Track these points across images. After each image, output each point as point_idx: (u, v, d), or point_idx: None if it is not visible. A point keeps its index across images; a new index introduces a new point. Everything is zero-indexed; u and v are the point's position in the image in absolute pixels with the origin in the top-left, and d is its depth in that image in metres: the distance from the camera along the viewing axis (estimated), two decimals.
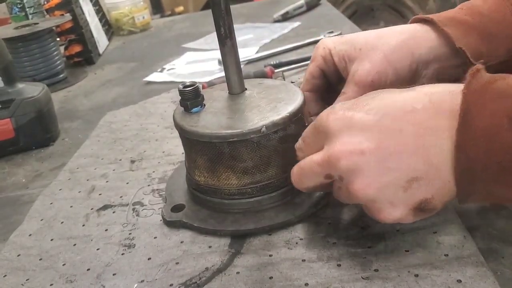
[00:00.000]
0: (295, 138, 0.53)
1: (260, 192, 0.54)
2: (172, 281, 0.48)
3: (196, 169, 0.56)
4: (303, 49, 1.18)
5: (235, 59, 0.56)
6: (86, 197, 0.67)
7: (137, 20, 1.72)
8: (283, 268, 0.47)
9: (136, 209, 0.61)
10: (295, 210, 0.54)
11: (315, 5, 1.59)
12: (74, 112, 1.04)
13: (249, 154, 0.52)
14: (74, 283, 0.50)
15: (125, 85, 1.18)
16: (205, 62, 1.24)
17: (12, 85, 0.87)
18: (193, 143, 0.54)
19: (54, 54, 1.23)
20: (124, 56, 1.46)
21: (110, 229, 0.58)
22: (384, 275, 0.44)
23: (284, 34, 1.36)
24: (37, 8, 1.46)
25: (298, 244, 0.50)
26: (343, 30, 1.25)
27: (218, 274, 0.48)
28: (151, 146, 0.79)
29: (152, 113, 0.93)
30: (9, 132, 0.85)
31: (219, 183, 0.55)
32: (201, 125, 0.53)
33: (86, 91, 1.18)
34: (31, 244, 0.58)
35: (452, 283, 0.41)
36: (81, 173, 0.74)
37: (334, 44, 0.61)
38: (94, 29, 1.47)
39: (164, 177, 0.68)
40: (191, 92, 0.56)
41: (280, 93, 0.57)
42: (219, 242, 0.52)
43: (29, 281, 0.52)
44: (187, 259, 0.51)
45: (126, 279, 0.49)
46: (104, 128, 0.90)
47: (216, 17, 0.54)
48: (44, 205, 0.66)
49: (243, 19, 1.62)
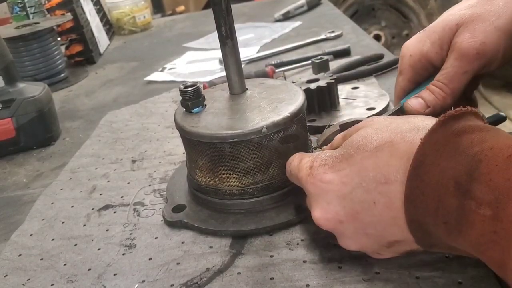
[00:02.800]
0: (296, 138, 0.53)
1: (261, 192, 0.54)
2: (173, 282, 0.48)
3: (197, 170, 0.56)
4: (304, 49, 1.18)
5: (236, 58, 0.56)
6: (87, 197, 0.67)
7: (138, 19, 1.72)
8: (284, 269, 0.47)
9: (137, 209, 0.61)
10: (296, 211, 0.54)
11: (316, 4, 1.59)
12: (75, 112, 1.04)
13: (250, 155, 0.52)
14: (75, 283, 0.50)
15: (126, 85, 1.17)
16: (206, 62, 1.23)
17: (13, 85, 0.87)
18: (194, 143, 0.54)
19: (55, 54, 1.23)
20: (125, 55, 1.46)
21: (111, 229, 0.58)
22: (385, 277, 0.43)
23: (285, 33, 1.36)
24: (38, 8, 1.47)
25: (299, 245, 0.50)
26: (344, 30, 1.25)
27: (219, 275, 0.48)
28: (152, 146, 0.79)
29: (153, 113, 0.93)
30: (10, 131, 0.85)
31: (220, 184, 0.55)
32: (202, 125, 0.53)
33: (87, 91, 1.18)
34: (32, 244, 0.58)
35: (453, 285, 0.41)
36: (82, 173, 0.74)
37: (419, 44, 0.55)
38: (95, 28, 1.47)
39: (165, 177, 0.68)
40: (192, 93, 0.56)
41: (281, 93, 0.57)
42: (220, 243, 0.52)
43: (30, 281, 0.52)
44: (188, 259, 0.51)
45: (127, 279, 0.49)
46: (105, 127, 0.90)
47: (217, 17, 0.54)
48: (45, 205, 0.66)
49: (244, 19, 1.62)
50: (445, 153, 0.35)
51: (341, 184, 0.42)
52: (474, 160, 0.34)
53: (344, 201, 0.42)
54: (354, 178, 0.41)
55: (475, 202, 0.33)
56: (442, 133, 0.36)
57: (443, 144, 0.36)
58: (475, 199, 0.33)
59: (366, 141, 0.41)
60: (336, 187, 0.42)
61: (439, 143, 0.36)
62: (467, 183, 0.33)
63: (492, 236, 0.32)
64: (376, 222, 0.40)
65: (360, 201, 0.40)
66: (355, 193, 0.41)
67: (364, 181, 0.40)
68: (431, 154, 0.36)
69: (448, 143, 0.36)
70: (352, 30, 1.27)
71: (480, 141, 0.35)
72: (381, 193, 0.39)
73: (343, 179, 0.42)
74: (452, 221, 0.34)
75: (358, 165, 0.41)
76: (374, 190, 0.39)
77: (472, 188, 0.33)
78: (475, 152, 0.34)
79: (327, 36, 1.21)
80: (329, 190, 0.43)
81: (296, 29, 1.38)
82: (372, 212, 0.40)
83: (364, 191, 0.40)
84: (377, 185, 0.39)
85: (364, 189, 0.40)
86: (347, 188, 0.41)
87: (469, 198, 0.33)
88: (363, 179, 0.40)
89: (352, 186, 0.41)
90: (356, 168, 0.41)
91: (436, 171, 0.35)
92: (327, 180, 0.43)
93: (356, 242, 0.43)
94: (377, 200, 0.39)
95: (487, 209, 0.32)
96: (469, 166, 0.34)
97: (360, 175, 0.40)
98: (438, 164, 0.35)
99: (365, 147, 0.41)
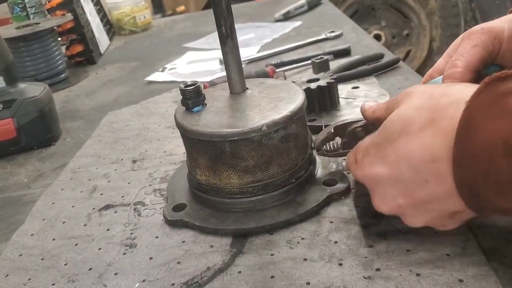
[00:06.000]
0: (296, 137, 0.54)
1: (261, 191, 0.54)
2: (174, 281, 0.48)
3: (197, 168, 0.56)
4: (304, 49, 1.18)
5: (236, 58, 0.56)
6: (87, 197, 0.67)
7: (138, 19, 1.72)
8: (285, 267, 0.47)
9: (138, 209, 0.61)
10: (296, 209, 0.54)
11: (316, 4, 1.59)
12: (75, 112, 1.04)
13: (250, 153, 0.52)
14: (76, 282, 0.50)
15: (127, 85, 1.18)
16: (206, 62, 1.23)
17: (13, 85, 0.87)
18: (194, 142, 0.54)
19: (56, 54, 1.23)
20: (126, 55, 1.46)
21: (111, 229, 0.58)
22: (386, 274, 0.43)
23: (285, 33, 1.36)
24: (39, 8, 1.47)
25: (299, 243, 0.50)
26: (345, 30, 1.25)
27: (220, 274, 0.48)
28: (152, 145, 0.79)
29: (153, 113, 0.94)
30: (11, 132, 0.85)
31: (221, 182, 0.55)
32: (202, 124, 0.53)
33: (87, 91, 1.18)
34: (33, 244, 0.58)
35: (454, 283, 0.41)
36: (83, 173, 0.74)
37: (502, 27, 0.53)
38: (95, 29, 1.47)
39: (165, 176, 0.68)
40: (192, 92, 0.56)
41: (281, 92, 0.57)
42: (221, 242, 0.52)
43: (31, 280, 0.52)
44: (188, 258, 0.51)
45: (127, 278, 0.49)
46: (106, 128, 0.90)
47: (217, 17, 0.54)
48: (46, 205, 0.66)
49: (244, 19, 1.62)
50: (492, 114, 0.36)
51: (391, 170, 0.43)
52: None
53: (397, 185, 0.43)
54: (402, 162, 0.42)
55: None
56: (488, 95, 0.37)
57: (490, 105, 0.36)
58: None
59: (408, 123, 0.42)
60: (387, 174, 0.44)
61: (485, 105, 0.37)
62: None
63: None
64: (432, 198, 0.42)
65: (412, 181, 0.42)
66: (406, 175, 0.42)
67: (412, 163, 0.41)
68: (478, 117, 0.36)
69: (495, 104, 0.36)
70: (353, 29, 1.27)
71: None
72: (431, 172, 0.40)
73: (391, 165, 0.43)
74: (505, 179, 0.35)
75: (403, 148, 0.42)
76: (423, 170, 0.41)
77: None
78: None
79: (327, 36, 1.21)
80: (381, 179, 0.45)
81: (297, 29, 1.38)
82: (426, 190, 0.41)
83: (414, 172, 0.42)
84: (426, 164, 0.40)
85: (413, 170, 0.42)
86: (397, 172, 0.43)
87: None
88: (411, 161, 0.41)
89: (401, 169, 0.42)
90: (402, 152, 0.42)
91: (484, 133, 0.36)
92: (375, 172, 0.45)
93: (419, 219, 0.44)
94: (429, 179, 0.41)
95: None
96: None
97: (407, 158, 0.42)
98: (485, 126, 0.36)
99: (408, 130, 0.42)
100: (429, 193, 0.41)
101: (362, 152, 0.47)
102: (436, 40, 2.54)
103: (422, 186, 0.41)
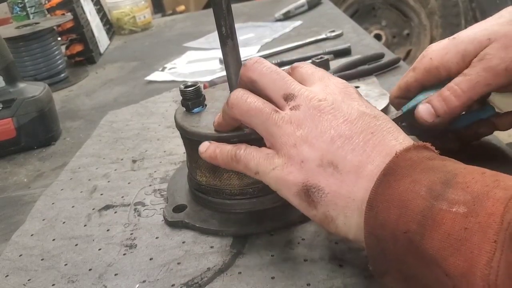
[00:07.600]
0: None
1: (261, 192, 0.54)
2: (174, 281, 0.48)
3: (197, 169, 0.56)
4: (304, 48, 1.18)
5: (236, 58, 0.56)
6: (87, 197, 0.67)
7: (138, 19, 1.72)
8: (285, 268, 0.47)
9: (138, 209, 0.61)
10: (297, 210, 0.53)
11: (316, 4, 1.59)
12: (75, 112, 1.04)
13: None
14: (76, 283, 0.50)
15: (127, 85, 1.17)
16: (206, 61, 1.23)
17: (13, 85, 0.87)
18: (194, 143, 0.54)
19: (55, 54, 1.23)
20: (125, 55, 1.46)
21: (111, 229, 0.58)
22: None
23: (285, 33, 1.36)
24: (38, 8, 1.46)
25: (300, 244, 0.50)
26: (345, 29, 1.25)
27: (220, 274, 0.48)
28: (152, 145, 0.79)
29: (153, 113, 0.93)
30: (11, 131, 0.85)
31: (221, 184, 0.54)
32: (202, 125, 0.53)
33: (87, 91, 1.18)
34: (33, 244, 0.58)
35: None
36: (83, 173, 0.74)
37: (442, 51, 0.54)
38: (95, 28, 1.47)
39: (165, 177, 0.68)
40: (192, 92, 0.56)
41: None
42: (221, 242, 0.52)
43: (31, 281, 0.52)
44: (189, 259, 0.51)
45: (128, 279, 0.49)
46: (106, 127, 0.90)
47: (217, 16, 0.54)
48: (46, 205, 0.66)
49: (244, 18, 1.62)
50: (419, 169, 0.35)
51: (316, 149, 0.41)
52: (450, 174, 0.34)
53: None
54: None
55: (447, 202, 0.32)
56: (415, 154, 0.37)
57: (417, 162, 0.36)
58: (447, 200, 0.32)
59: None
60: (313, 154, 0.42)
61: (412, 160, 0.36)
62: (442, 189, 0.33)
63: (461, 234, 0.31)
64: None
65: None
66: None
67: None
68: (405, 167, 0.36)
69: (421, 163, 0.36)
70: (353, 29, 1.27)
71: (453, 163, 0.36)
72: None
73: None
74: (414, 226, 0.33)
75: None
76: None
77: (446, 192, 0.33)
78: (449, 169, 0.35)
79: (327, 36, 1.21)
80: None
81: (297, 29, 1.38)
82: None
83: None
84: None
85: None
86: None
87: (441, 200, 0.33)
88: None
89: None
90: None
91: (408, 180, 0.35)
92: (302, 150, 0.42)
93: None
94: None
95: (461, 207, 0.32)
96: (444, 178, 0.34)
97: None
98: (410, 175, 0.35)
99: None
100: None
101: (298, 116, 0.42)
102: (437, 40, 2.53)
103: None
